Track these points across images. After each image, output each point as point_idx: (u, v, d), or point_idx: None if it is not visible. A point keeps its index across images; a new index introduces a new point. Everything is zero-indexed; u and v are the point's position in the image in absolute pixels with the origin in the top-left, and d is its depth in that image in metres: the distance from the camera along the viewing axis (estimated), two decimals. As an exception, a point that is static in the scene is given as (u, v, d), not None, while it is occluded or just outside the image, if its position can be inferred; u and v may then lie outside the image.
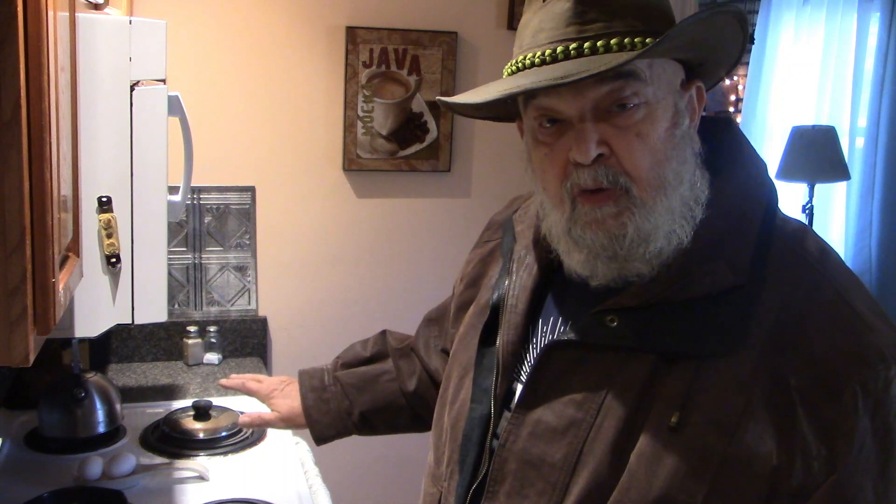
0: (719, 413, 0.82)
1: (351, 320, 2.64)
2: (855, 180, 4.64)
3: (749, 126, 5.32)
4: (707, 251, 0.86)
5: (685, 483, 0.81)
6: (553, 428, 0.90)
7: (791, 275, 0.86)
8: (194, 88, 2.37)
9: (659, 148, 0.86)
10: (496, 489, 0.94)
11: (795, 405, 0.80)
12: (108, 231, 1.38)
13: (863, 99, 4.73)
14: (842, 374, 0.80)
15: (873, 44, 4.67)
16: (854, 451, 0.79)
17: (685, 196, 0.87)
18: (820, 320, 0.83)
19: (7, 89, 0.83)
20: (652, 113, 0.86)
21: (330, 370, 1.42)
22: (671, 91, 0.88)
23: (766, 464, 0.80)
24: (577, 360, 0.90)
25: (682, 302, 0.85)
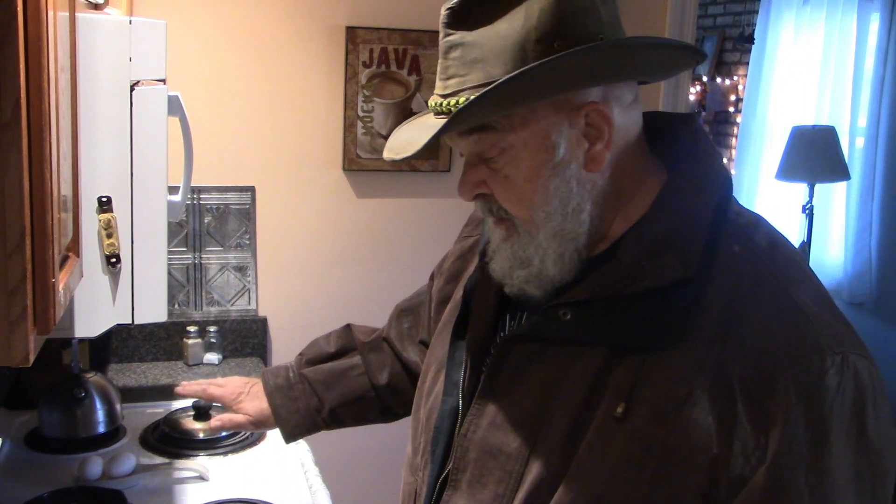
0: (662, 404, 0.84)
1: (351, 320, 2.61)
2: (855, 180, 4.64)
3: (749, 126, 5.32)
4: (658, 246, 0.88)
5: (629, 472, 0.84)
6: (510, 419, 0.93)
7: (737, 268, 0.88)
8: (194, 88, 2.37)
9: (525, 187, 0.90)
10: (459, 478, 0.97)
11: (736, 397, 0.82)
12: (108, 231, 1.38)
13: (863, 99, 4.73)
14: (778, 366, 0.81)
15: (873, 44, 4.67)
16: (786, 442, 0.80)
17: (564, 225, 0.91)
18: (761, 313, 0.84)
19: (7, 89, 0.83)
20: (516, 157, 0.90)
21: (294, 367, 1.41)
22: (544, 128, 0.89)
23: (707, 454, 0.82)
24: (534, 353, 0.94)
25: (633, 295, 0.88)
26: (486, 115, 0.89)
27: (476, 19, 0.89)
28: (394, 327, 1.40)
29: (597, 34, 0.88)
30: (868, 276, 4.70)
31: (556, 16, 0.87)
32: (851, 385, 0.83)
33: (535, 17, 0.87)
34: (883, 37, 4.61)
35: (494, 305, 1.02)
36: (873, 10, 4.67)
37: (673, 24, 2.74)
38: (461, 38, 0.89)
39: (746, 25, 5.51)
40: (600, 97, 0.90)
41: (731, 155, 5.80)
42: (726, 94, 5.80)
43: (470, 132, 0.91)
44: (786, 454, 0.80)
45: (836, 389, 0.82)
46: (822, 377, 0.81)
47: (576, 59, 0.85)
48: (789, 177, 4.45)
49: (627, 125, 0.93)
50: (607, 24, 0.89)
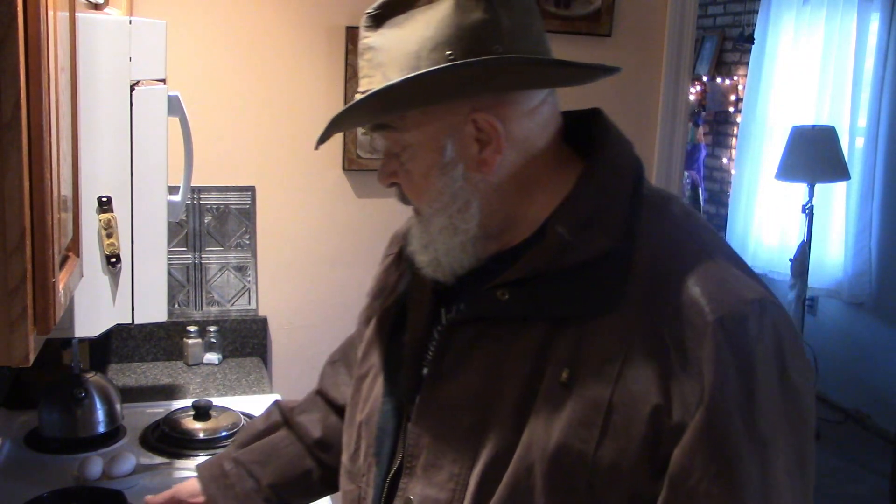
0: (603, 365, 0.90)
1: (351, 320, 2.62)
2: (855, 180, 4.64)
3: (749, 126, 5.33)
4: (583, 222, 0.95)
5: (579, 431, 0.89)
6: (459, 400, 0.98)
7: (659, 235, 0.95)
8: (194, 88, 2.37)
9: (420, 183, 1.00)
10: (414, 464, 1.01)
11: (669, 350, 0.88)
12: (108, 231, 1.38)
13: (863, 99, 4.73)
14: (704, 315, 0.87)
15: (873, 44, 4.67)
16: (718, 383, 0.85)
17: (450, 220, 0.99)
18: (684, 271, 0.91)
19: (7, 89, 0.83)
20: (414, 154, 0.99)
21: (228, 455, 1.38)
22: (437, 130, 0.97)
23: (648, 405, 0.87)
24: (475, 336, 0.99)
25: (565, 270, 0.94)
26: (375, 117, 0.99)
27: (389, 25, 0.96)
28: (328, 377, 1.40)
29: (492, 46, 0.93)
30: (868, 276, 4.70)
31: (451, 26, 0.92)
32: (770, 329, 0.90)
33: (432, 27, 0.93)
34: (883, 37, 4.61)
35: (430, 304, 1.07)
36: (873, 10, 4.67)
37: (673, 24, 2.74)
38: (373, 41, 0.97)
39: (746, 25, 5.51)
40: (492, 104, 0.96)
41: (731, 155, 5.81)
42: (726, 94, 5.81)
43: (375, 129, 1.01)
44: (720, 394, 0.85)
45: (758, 333, 0.88)
46: (744, 322, 0.88)
47: (458, 71, 0.92)
48: (789, 177, 4.46)
49: (531, 128, 0.98)
50: (507, 35, 0.94)
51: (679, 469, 0.86)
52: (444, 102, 0.96)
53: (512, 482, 0.92)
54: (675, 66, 2.77)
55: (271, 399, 2.19)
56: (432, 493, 0.98)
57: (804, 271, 4.41)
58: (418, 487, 1.00)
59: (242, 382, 2.34)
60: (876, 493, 3.99)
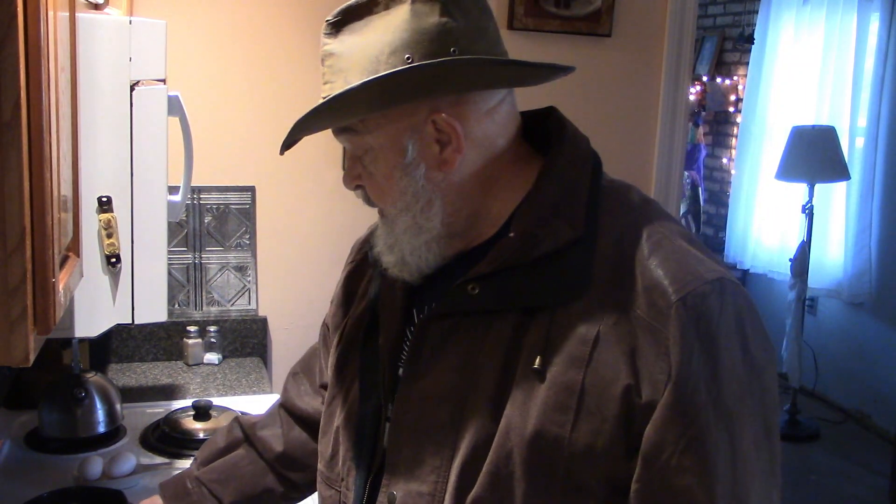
0: (574, 350, 0.93)
1: (351, 320, 2.64)
2: (855, 180, 4.64)
3: (749, 126, 5.33)
4: (547, 214, 0.98)
5: (554, 416, 0.92)
6: (437, 394, 1.00)
7: (620, 222, 0.99)
8: (194, 88, 2.36)
9: (383, 184, 1.02)
10: (396, 462, 1.03)
11: (637, 331, 0.91)
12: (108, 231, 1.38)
13: (863, 99, 4.73)
14: (668, 295, 0.91)
15: (873, 44, 4.67)
16: (685, 360, 0.89)
17: (414, 219, 1.01)
18: (647, 255, 0.95)
19: (7, 89, 0.83)
20: (375, 157, 1.01)
21: (191, 473, 1.38)
22: (397, 131, 0.99)
23: (619, 386, 0.90)
24: (449, 331, 1.01)
25: (532, 261, 0.97)
26: (337, 121, 1.01)
27: (348, 32, 0.99)
28: (290, 390, 1.40)
29: (449, 48, 0.96)
30: (868, 276, 4.70)
31: (408, 30, 0.95)
32: (731, 307, 0.93)
33: (390, 32, 0.96)
34: (883, 37, 4.61)
35: (401, 305, 1.09)
36: (873, 10, 4.67)
37: (673, 24, 2.74)
38: (333, 48, 1.00)
39: (746, 25, 5.52)
40: (451, 105, 0.98)
41: (731, 155, 5.81)
42: (726, 94, 5.80)
43: (339, 132, 1.03)
44: (686, 371, 0.88)
45: (720, 311, 0.91)
46: (705, 299, 0.91)
47: (415, 73, 0.94)
48: (789, 177, 4.46)
49: (490, 127, 1.01)
50: (463, 37, 0.97)
51: (651, 446, 0.89)
52: (403, 104, 0.98)
53: (492, 469, 0.95)
54: (675, 66, 2.77)
55: (271, 399, 2.19)
56: (415, 486, 1.00)
57: (804, 271, 4.41)
58: (401, 483, 1.02)
59: (242, 382, 2.34)
60: (876, 493, 3.99)
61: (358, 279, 1.24)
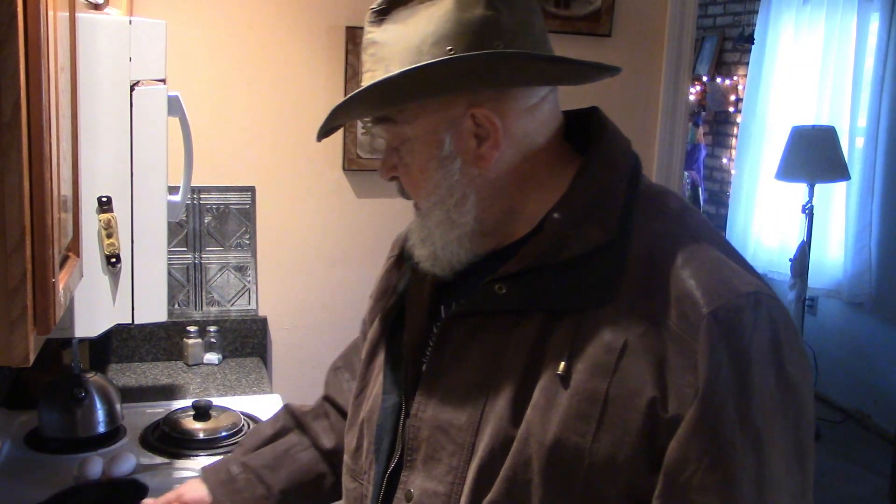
0: (600, 358, 0.90)
1: (351, 320, 2.63)
2: (855, 180, 4.64)
3: (749, 126, 5.33)
4: (579, 216, 0.96)
5: (576, 425, 0.90)
6: (458, 393, 0.99)
7: (655, 228, 0.96)
8: (194, 88, 2.37)
9: (418, 176, 1.01)
10: (413, 458, 1.02)
11: (666, 343, 0.89)
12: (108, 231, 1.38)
13: (863, 99, 4.73)
14: (699, 308, 0.88)
15: (873, 44, 4.67)
16: (713, 375, 0.86)
17: (448, 213, 1.00)
18: (680, 264, 0.92)
19: (7, 89, 0.83)
20: (412, 148, 1.00)
21: (236, 459, 1.34)
22: (435, 123, 0.98)
23: (644, 398, 0.88)
24: (474, 329, 0.99)
25: (561, 263, 0.95)
26: (375, 110, 1.00)
27: (392, 21, 0.98)
28: (331, 385, 1.38)
29: (493, 42, 0.94)
30: (868, 276, 4.70)
31: (452, 22, 0.93)
32: (766, 323, 0.90)
33: (434, 22, 0.95)
34: (883, 37, 4.61)
35: (428, 302, 1.08)
36: (873, 10, 4.67)
37: (673, 24, 2.74)
38: (376, 36, 0.98)
39: (746, 25, 5.51)
40: (491, 100, 0.96)
41: (731, 155, 5.81)
42: (726, 94, 5.80)
43: (376, 122, 1.02)
44: (713, 385, 0.86)
45: (753, 326, 0.89)
46: (739, 314, 0.88)
47: (456, 65, 0.93)
48: (789, 177, 4.45)
49: (530, 125, 0.99)
50: (508, 31, 0.95)
51: (674, 461, 0.87)
52: (442, 96, 0.96)
53: (509, 475, 0.93)
54: (675, 66, 2.77)
55: (271, 399, 2.20)
56: (431, 485, 0.99)
57: (804, 271, 4.41)
58: (418, 480, 1.01)
59: (242, 382, 2.35)
60: (876, 493, 3.99)
61: (395, 274, 1.22)
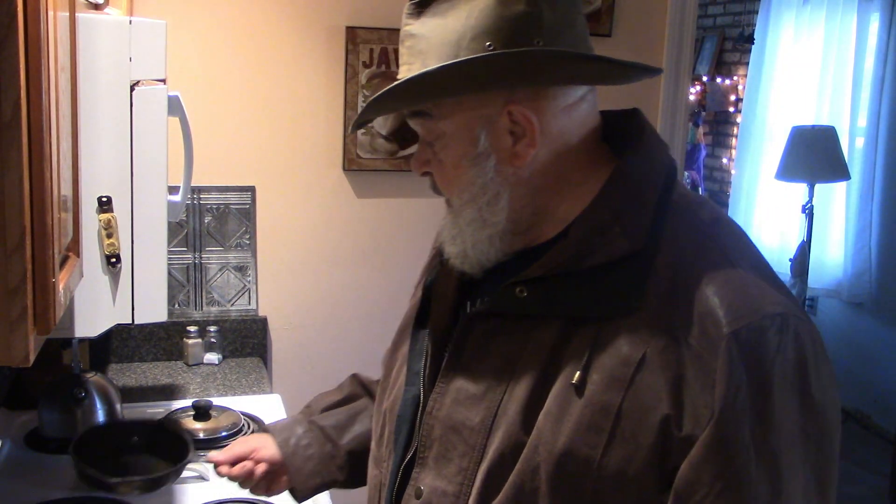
0: (616, 370, 0.88)
1: (351, 320, 2.64)
2: (855, 180, 4.64)
3: (749, 126, 5.32)
4: (607, 224, 0.94)
5: (587, 436, 0.88)
6: (472, 394, 0.98)
7: (683, 240, 0.93)
8: (194, 88, 2.37)
9: (451, 172, 0.99)
10: (426, 455, 1.01)
11: (685, 360, 0.86)
12: (108, 231, 1.38)
13: (863, 99, 4.73)
14: (721, 328, 0.86)
15: (873, 44, 4.67)
16: (730, 398, 0.84)
17: (479, 212, 0.98)
18: (705, 281, 0.89)
19: (7, 89, 0.83)
20: (447, 143, 0.98)
21: (303, 418, 1.36)
22: (469, 120, 0.96)
23: (658, 414, 0.86)
24: (493, 331, 0.98)
25: (584, 270, 0.93)
26: (411, 104, 0.98)
27: (431, 14, 0.96)
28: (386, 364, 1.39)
29: (533, 39, 0.93)
30: (868, 276, 4.70)
31: (492, 17, 0.92)
32: (792, 346, 0.87)
33: (473, 17, 0.93)
34: (883, 37, 4.61)
35: (454, 296, 1.07)
36: (873, 10, 4.67)
37: (673, 24, 2.74)
38: (415, 29, 0.97)
39: (746, 25, 5.51)
40: (529, 97, 0.95)
41: (731, 155, 5.81)
42: (726, 94, 5.80)
43: (411, 116, 1.00)
44: (730, 409, 0.84)
45: (777, 348, 0.86)
46: (762, 335, 0.86)
47: (495, 61, 0.91)
48: (789, 177, 4.45)
49: (566, 124, 0.98)
50: (548, 29, 0.93)
51: (685, 483, 0.85)
52: (480, 92, 0.95)
53: (517, 481, 0.92)
54: (675, 66, 2.77)
55: (271, 399, 2.20)
56: (441, 484, 0.99)
57: (804, 271, 4.41)
58: (429, 478, 1.00)
59: (242, 382, 2.34)
60: (876, 493, 3.99)
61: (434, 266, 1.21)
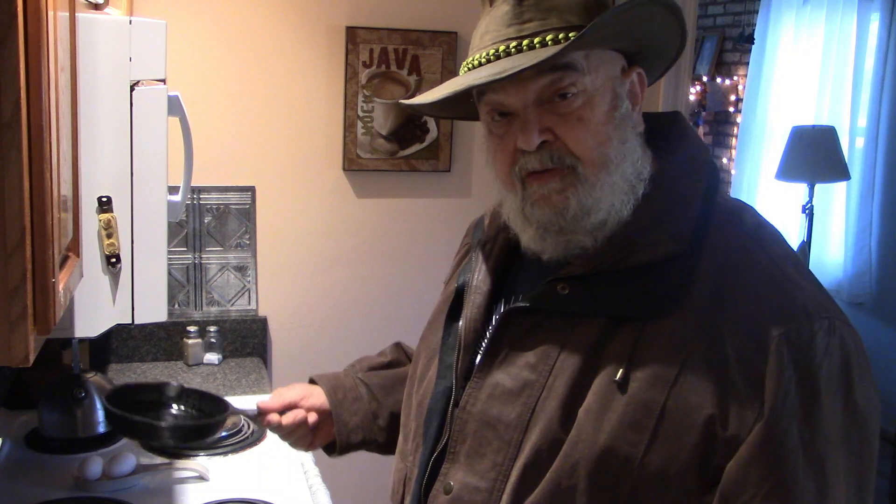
0: (660, 369, 0.88)
1: (351, 320, 2.64)
2: (855, 180, 4.64)
3: (749, 126, 5.32)
4: (650, 223, 0.94)
5: (628, 434, 0.88)
6: (509, 390, 0.97)
7: (728, 244, 0.93)
8: (194, 88, 2.37)
9: (600, 130, 0.94)
10: (457, 450, 1.01)
11: (730, 360, 0.86)
12: (108, 231, 1.38)
13: (863, 99, 4.72)
14: (770, 329, 0.86)
15: (873, 44, 4.66)
16: (780, 398, 0.84)
17: (627, 173, 0.95)
18: (752, 282, 0.90)
19: (7, 89, 0.83)
20: (591, 99, 0.94)
21: (348, 373, 1.33)
22: (610, 78, 0.96)
23: (703, 414, 0.86)
24: (531, 327, 0.98)
25: (627, 269, 0.93)
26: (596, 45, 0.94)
27: None
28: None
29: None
30: (868, 276, 4.70)
31: None
32: (838, 349, 0.88)
33: None
34: (883, 37, 4.61)
35: (490, 292, 1.06)
36: (873, 10, 4.67)
37: (673, 24, 2.73)
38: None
39: (746, 25, 5.51)
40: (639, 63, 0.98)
41: (731, 155, 5.80)
42: (726, 94, 5.80)
43: (552, 70, 0.92)
44: (780, 410, 0.84)
45: (825, 352, 0.86)
46: (811, 339, 0.86)
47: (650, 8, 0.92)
48: (789, 177, 4.45)
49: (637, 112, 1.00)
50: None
51: (732, 484, 0.85)
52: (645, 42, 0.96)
53: (555, 478, 0.91)
54: (675, 66, 2.75)
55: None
56: (473, 480, 0.98)
57: (804, 271, 4.41)
58: (460, 474, 0.99)
59: (242, 382, 2.34)
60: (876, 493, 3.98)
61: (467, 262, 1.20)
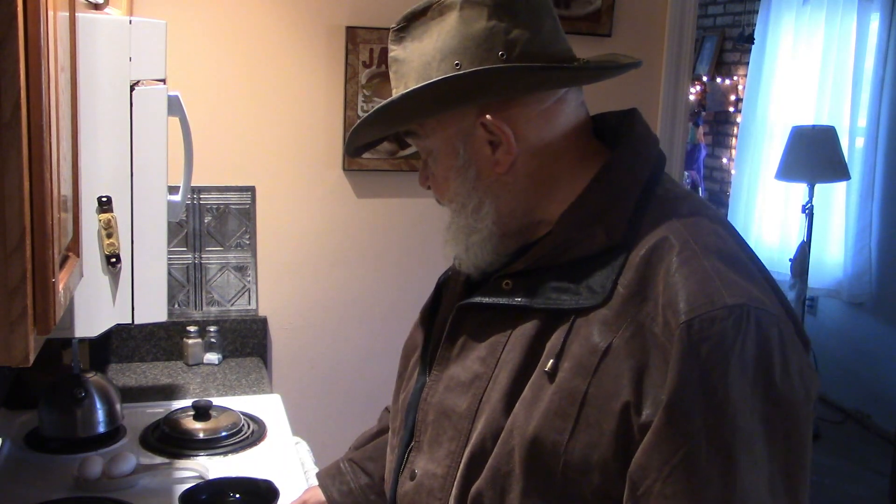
0: (584, 358, 0.92)
1: (351, 320, 2.64)
2: (855, 180, 4.64)
3: (749, 126, 5.33)
4: (588, 219, 0.98)
5: (555, 422, 0.92)
6: (462, 382, 1.03)
7: (657, 235, 0.95)
8: (194, 88, 2.37)
9: (442, 185, 1.06)
10: (421, 439, 1.08)
11: (650, 347, 0.89)
12: (108, 231, 1.38)
13: (863, 99, 4.72)
14: (678, 315, 0.88)
15: (873, 44, 4.66)
16: (680, 384, 0.86)
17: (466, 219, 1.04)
18: (671, 274, 0.91)
19: (7, 89, 0.83)
20: (436, 159, 1.05)
21: (345, 457, 1.44)
22: (451, 136, 1.02)
23: (619, 401, 0.89)
24: (484, 322, 1.03)
25: (565, 264, 0.98)
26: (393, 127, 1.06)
27: (410, 38, 1.01)
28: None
29: (497, 53, 0.97)
30: (868, 276, 4.70)
31: (457, 37, 0.97)
32: (753, 337, 0.88)
33: (441, 38, 0.98)
34: (883, 37, 4.61)
35: (459, 294, 1.12)
36: (873, 11, 4.67)
37: (673, 24, 2.73)
38: (398, 54, 1.03)
39: (746, 25, 5.51)
40: (500, 108, 0.99)
41: (731, 155, 5.81)
42: (726, 94, 5.80)
43: (406, 135, 1.07)
44: (679, 395, 0.86)
45: (734, 339, 0.87)
46: (715, 326, 0.87)
47: (462, 80, 0.96)
48: (789, 177, 4.45)
49: (545, 127, 1.01)
50: (512, 40, 0.97)
51: (637, 468, 0.88)
52: (452, 109, 1.00)
53: (495, 464, 0.97)
54: (675, 66, 2.77)
55: (271, 399, 2.20)
56: (432, 467, 1.04)
57: (804, 271, 4.41)
58: (422, 461, 1.06)
59: (242, 382, 2.35)
60: (876, 493, 3.99)
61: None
